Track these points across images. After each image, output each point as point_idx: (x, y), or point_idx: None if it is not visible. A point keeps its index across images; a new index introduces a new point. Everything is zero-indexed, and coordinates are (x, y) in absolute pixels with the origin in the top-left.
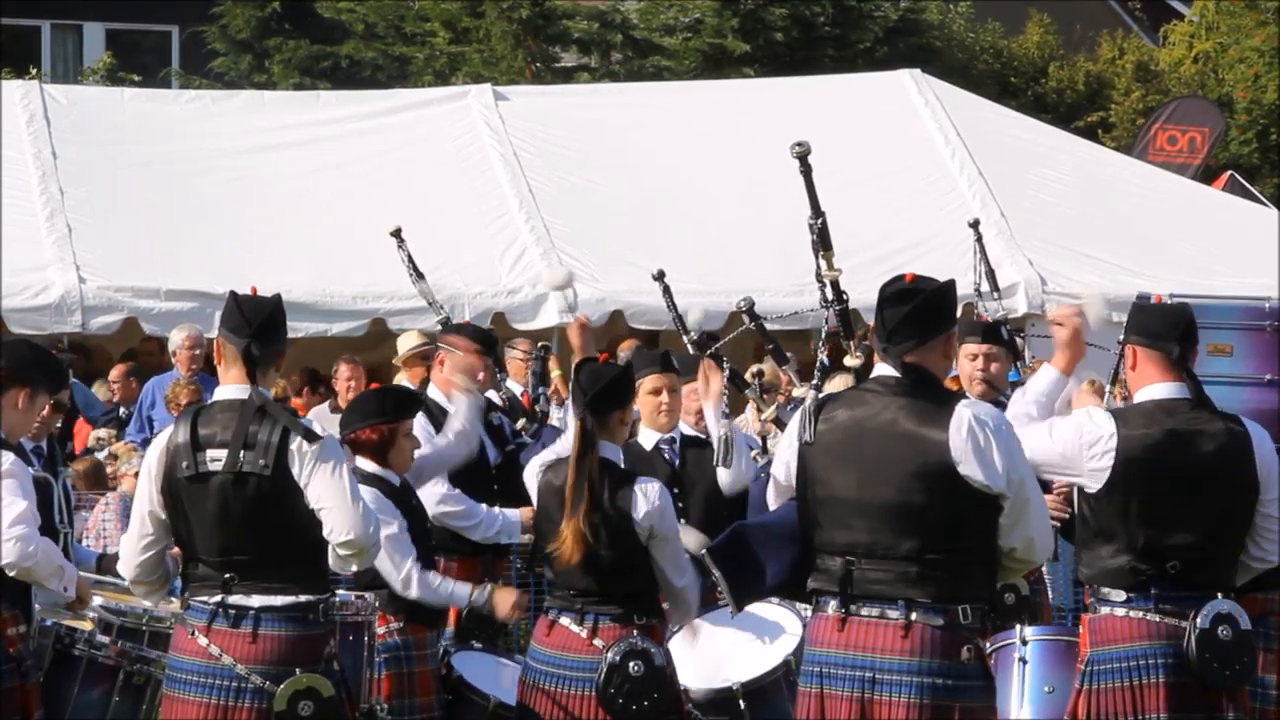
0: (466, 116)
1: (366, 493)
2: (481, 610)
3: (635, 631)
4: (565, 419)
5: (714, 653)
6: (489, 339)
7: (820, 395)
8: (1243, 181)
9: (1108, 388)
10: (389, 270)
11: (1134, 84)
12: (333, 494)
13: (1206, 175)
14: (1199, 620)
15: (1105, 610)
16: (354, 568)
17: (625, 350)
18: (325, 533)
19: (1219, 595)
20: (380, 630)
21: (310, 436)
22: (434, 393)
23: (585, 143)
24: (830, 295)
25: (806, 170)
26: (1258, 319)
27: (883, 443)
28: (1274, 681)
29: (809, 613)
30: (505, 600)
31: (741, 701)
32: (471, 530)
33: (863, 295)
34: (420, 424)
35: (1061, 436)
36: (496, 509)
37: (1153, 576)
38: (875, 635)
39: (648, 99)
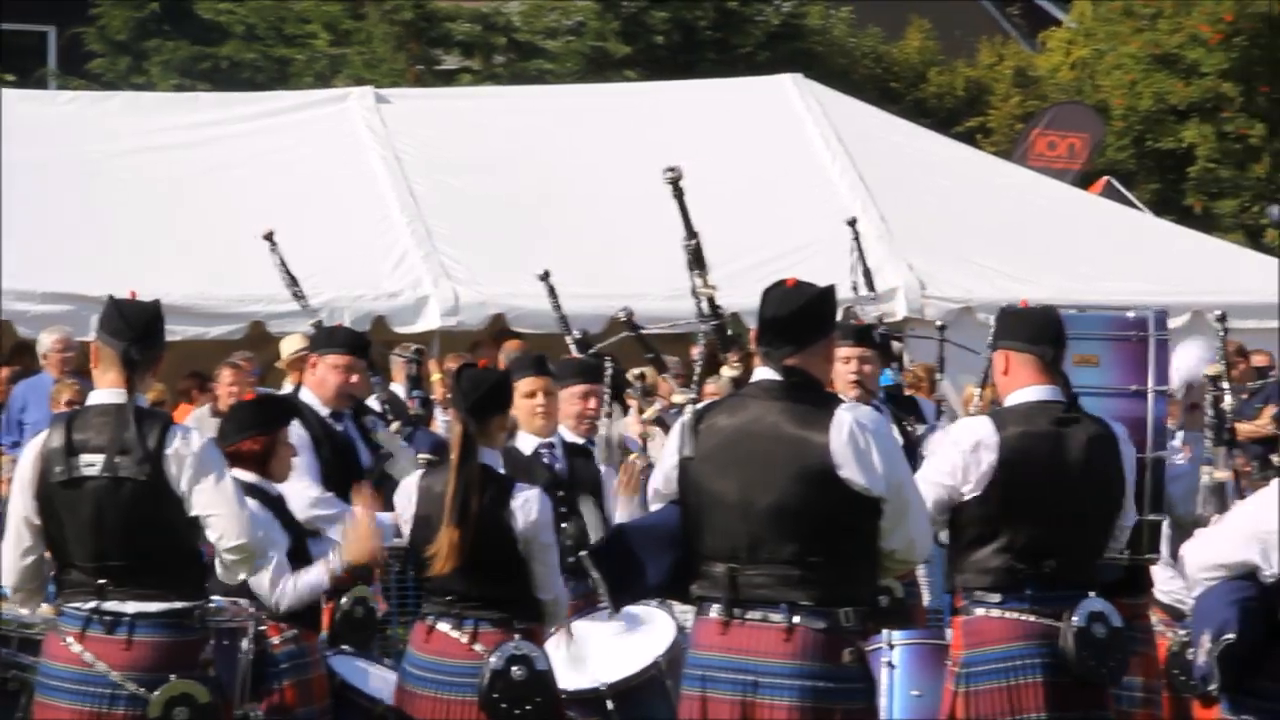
0: (348, 119)
1: (250, 504)
2: (338, 573)
3: (517, 636)
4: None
5: (583, 653)
6: (362, 342)
7: (698, 407)
8: (1119, 187)
9: (976, 392)
10: (268, 273)
11: (1013, 90)
12: (219, 500)
13: (1084, 180)
14: (1075, 618)
15: (979, 611)
16: (241, 576)
17: (510, 351)
18: (213, 539)
19: (1090, 594)
20: (275, 640)
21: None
22: (307, 395)
23: (467, 145)
24: (706, 310)
25: (679, 194)
26: (1124, 329)
27: (765, 447)
28: (1139, 684)
29: (688, 615)
30: (356, 546)
31: (609, 702)
32: None
33: (745, 300)
34: (298, 433)
35: (948, 454)
36: None
37: (1029, 576)
38: (758, 638)
39: (530, 102)
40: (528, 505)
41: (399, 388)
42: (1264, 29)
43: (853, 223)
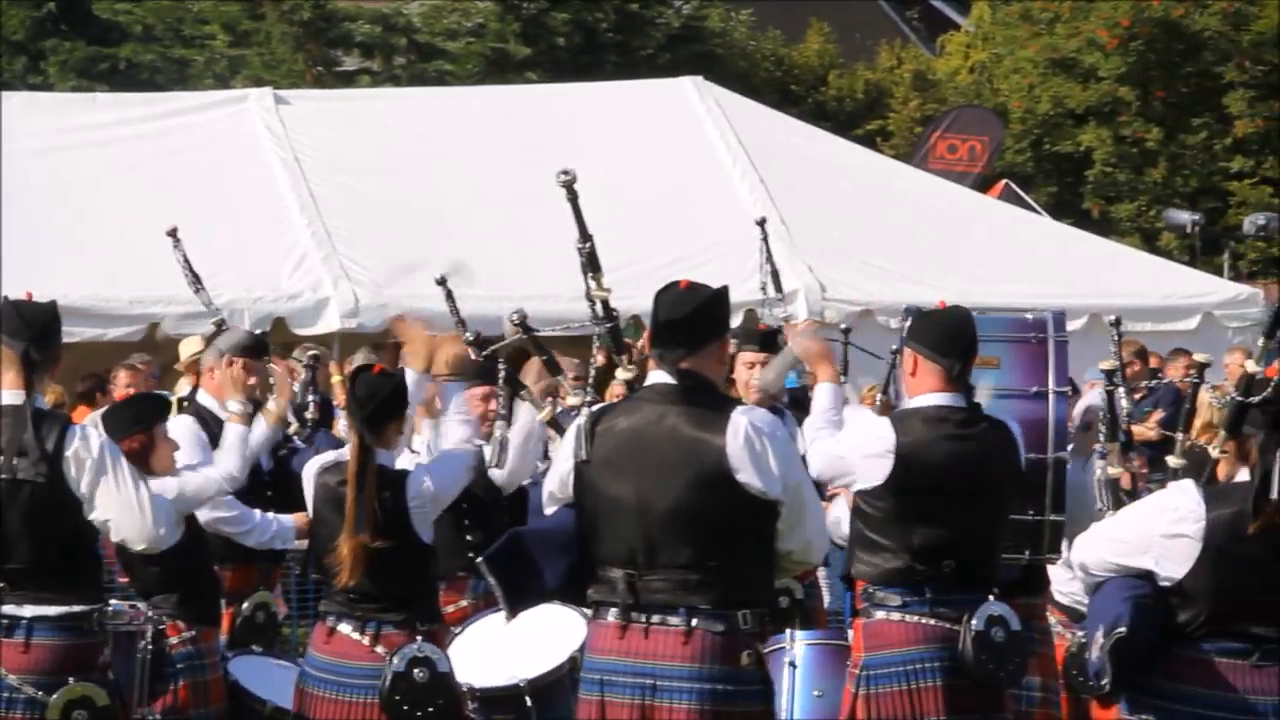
0: (246, 120)
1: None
2: (258, 623)
3: (419, 638)
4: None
5: (500, 650)
6: (259, 344)
7: (594, 409)
8: (1017, 190)
9: (879, 395)
10: (166, 275)
11: (912, 93)
12: (120, 503)
13: (983, 184)
14: (973, 622)
15: (880, 614)
16: (140, 546)
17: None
18: (116, 540)
19: (990, 597)
20: (173, 640)
21: None
22: (204, 399)
23: (367, 147)
24: (601, 313)
25: (573, 197)
26: (1023, 331)
27: (661, 450)
28: (1038, 684)
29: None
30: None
31: (528, 699)
32: (245, 536)
33: (643, 302)
34: (193, 431)
35: (847, 443)
36: (270, 515)
37: (928, 578)
38: (656, 642)
39: (431, 103)
40: (423, 485)
41: (295, 389)
42: (1160, 34)
43: (762, 223)
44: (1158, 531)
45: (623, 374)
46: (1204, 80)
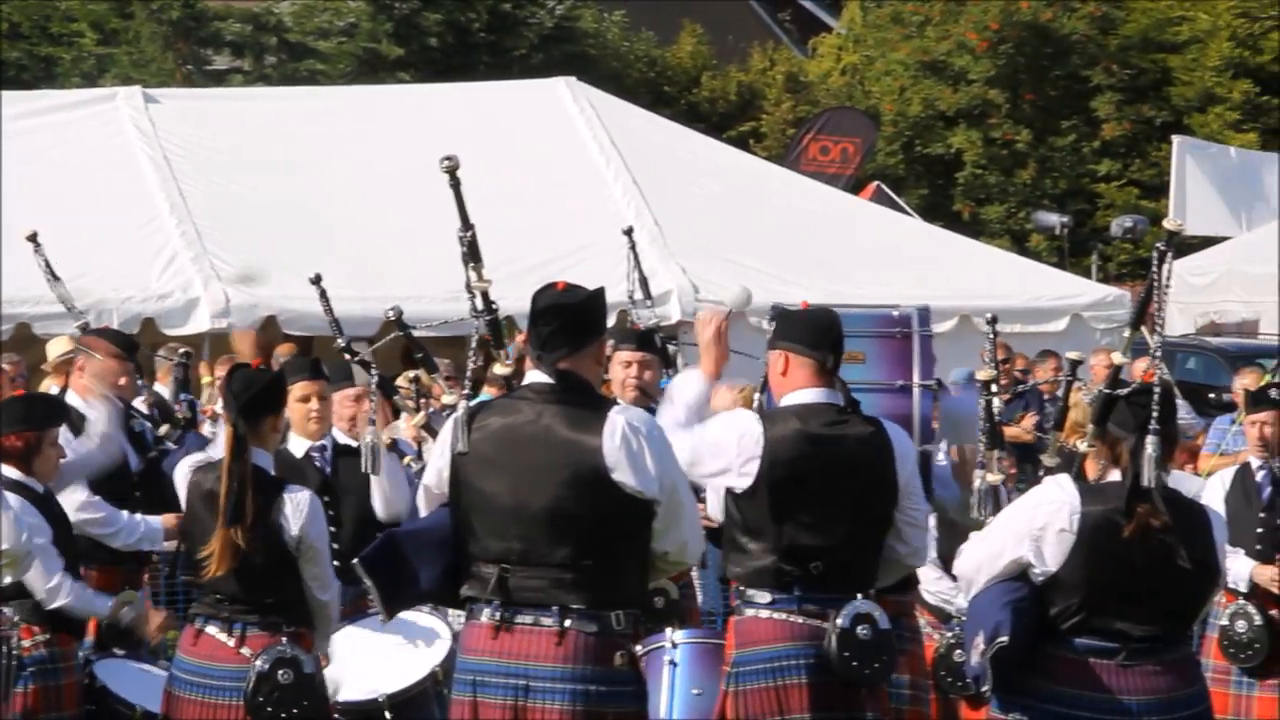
0: (115, 119)
1: (13, 500)
2: (122, 627)
3: (284, 639)
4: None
5: (361, 662)
6: (129, 344)
7: (472, 404)
8: (889, 192)
9: (757, 395)
10: (34, 274)
11: (784, 95)
12: None
13: (855, 185)
14: (839, 620)
15: (750, 612)
16: (7, 579)
17: (283, 355)
18: None
19: (859, 596)
20: (26, 643)
21: None
22: (73, 399)
23: (238, 146)
24: (480, 306)
25: (456, 184)
26: (889, 326)
27: (537, 449)
28: (907, 682)
29: (460, 620)
30: (154, 620)
31: (388, 713)
32: (112, 538)
33: (517, 303)
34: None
35: (712, 437)
36: (138, 516)
37: (797, 577)
38: (529, 643)
39: (302, 103)
40: (299, 507)
41: (163, 390)
42: (1029, 37)
43: (629, 232)
44: (1036, 523)
45: (500, 370)
46: (1072, 83)
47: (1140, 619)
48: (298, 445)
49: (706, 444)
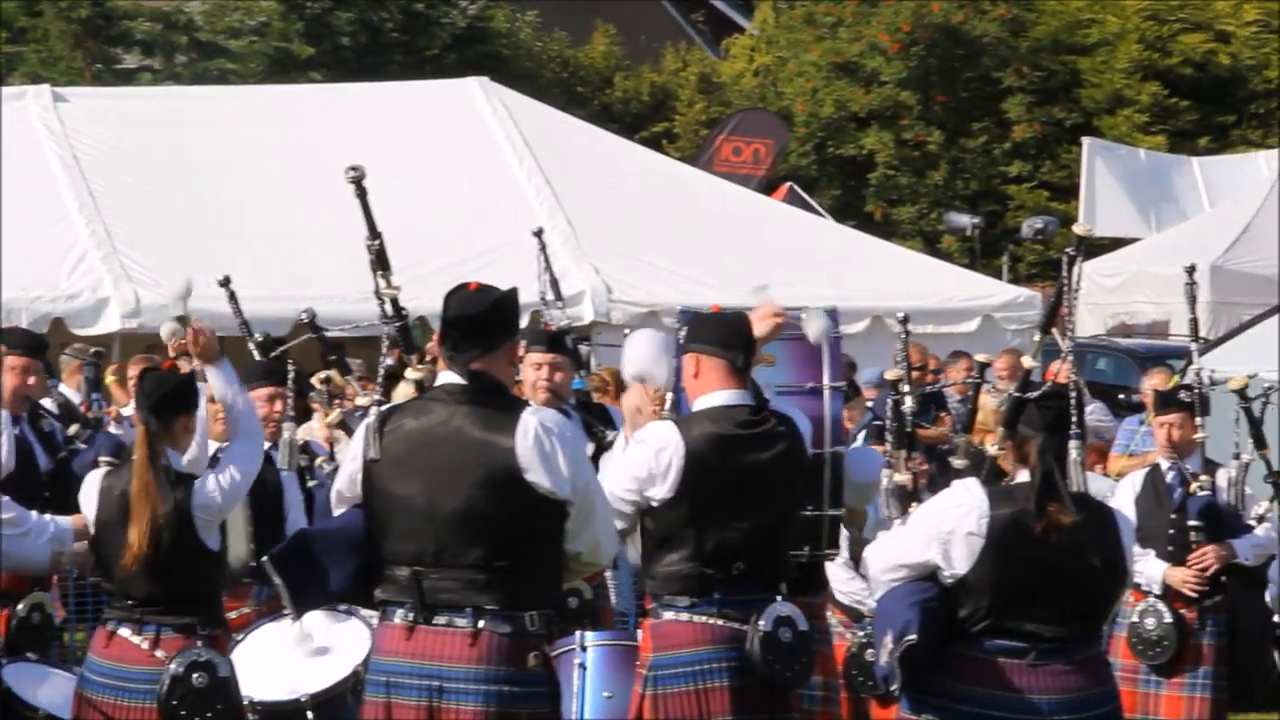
0: (24, 118)
1: None
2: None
3: (199, 643)
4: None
5: (282, 662)
6: (38, 344)
7: (383, 409)
8: (801, 193)
9: (668, 395)
10: None
11: (697, 95)
12: None
13: (768, 186)
14: (761, 623)
15: (668, 615)
16: None
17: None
18: None
19: (778, 598)
20: None
21: None
22: None
23: (148, 146)
24: (390, 312)
25: (362, 194)
26: (798, 329)
27: (450, 451)
28: (819, 683)
29: (375, 620)
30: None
31: (310, 713)
32: (22, 538)
33: (430, 303)
34: None
35: (630, 468)
36: (48, 516)
37: (717, 579)
38: (443, 644)
39: (212, 103)
40: (210, 491)
41: (71, 390)
42: (940, 39)
43: (539, 233)
44: (944, 527)
45: (413, 374)
46: (983, 85)
47: (1049, 620)
48: (212, 446)
49: (627, 474)
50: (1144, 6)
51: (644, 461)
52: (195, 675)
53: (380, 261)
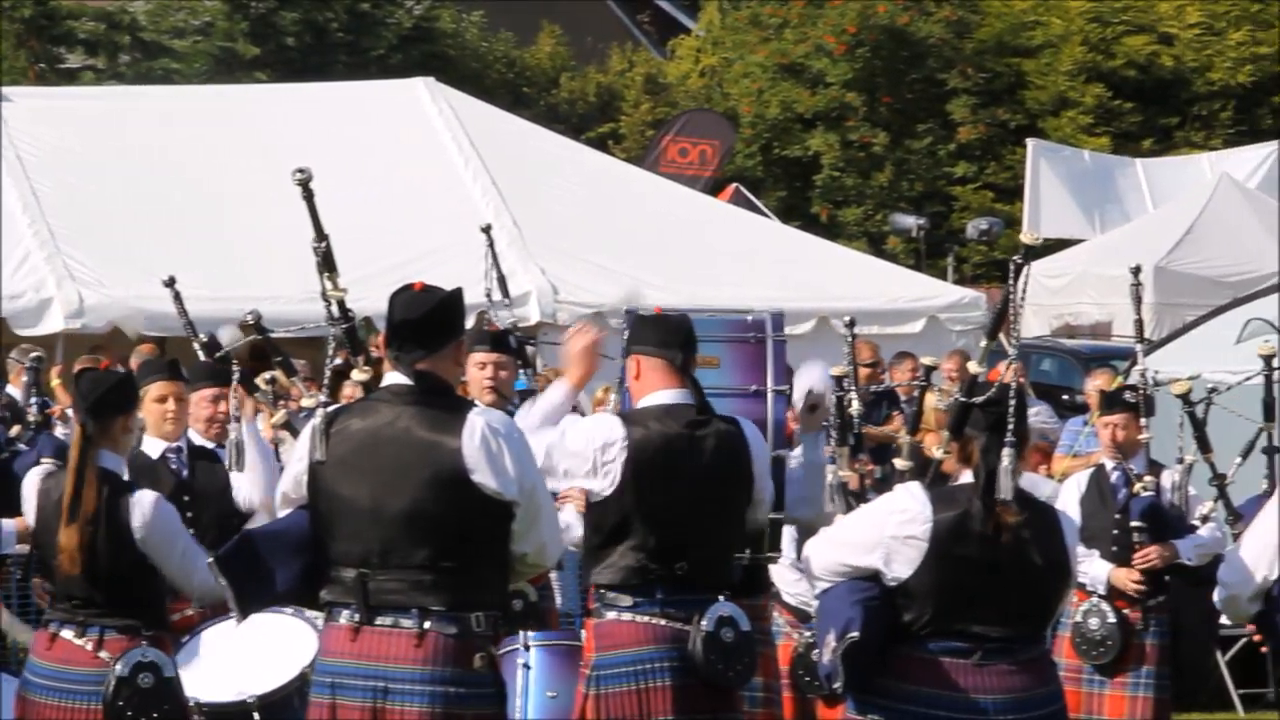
0: None
1: None
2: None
3: (143, 643)
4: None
5: (229, 664)
6: None
7: (329, 410)
8: (747, 194)
9: (612, 395)
10: None
11: (643, 96)
12: None
13: (714, 187)
14: (703, 623)
15: (611, 615)
16: None
17: (141, 355)
18: None
19: (721, 598)
20: None
21: None
22: None
23: (92, 146)
24: (336, 313)
25: (309, 196)
26: (742, 331)
27: (396, 451)
28: (760, 684)
29: (321, 622)
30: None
31: (256, 715)
32: None
33: (375, 304)
34: None
35: (572, 445)
36: None
37: (661, 578)
38: (388, 644)
39: (157, 103)
40: (143, 509)
41: (16, 392)
42: (886, 40)
43: (487, 229)
44: (886, 533)
45: (358, 375)
46: (928, 87)
47: (994, 621)
48: (153, 447)
49: (565, 451)
50: (1088, 9)
51: (588, 449)
52: (141, 676)
53: (327, 263)
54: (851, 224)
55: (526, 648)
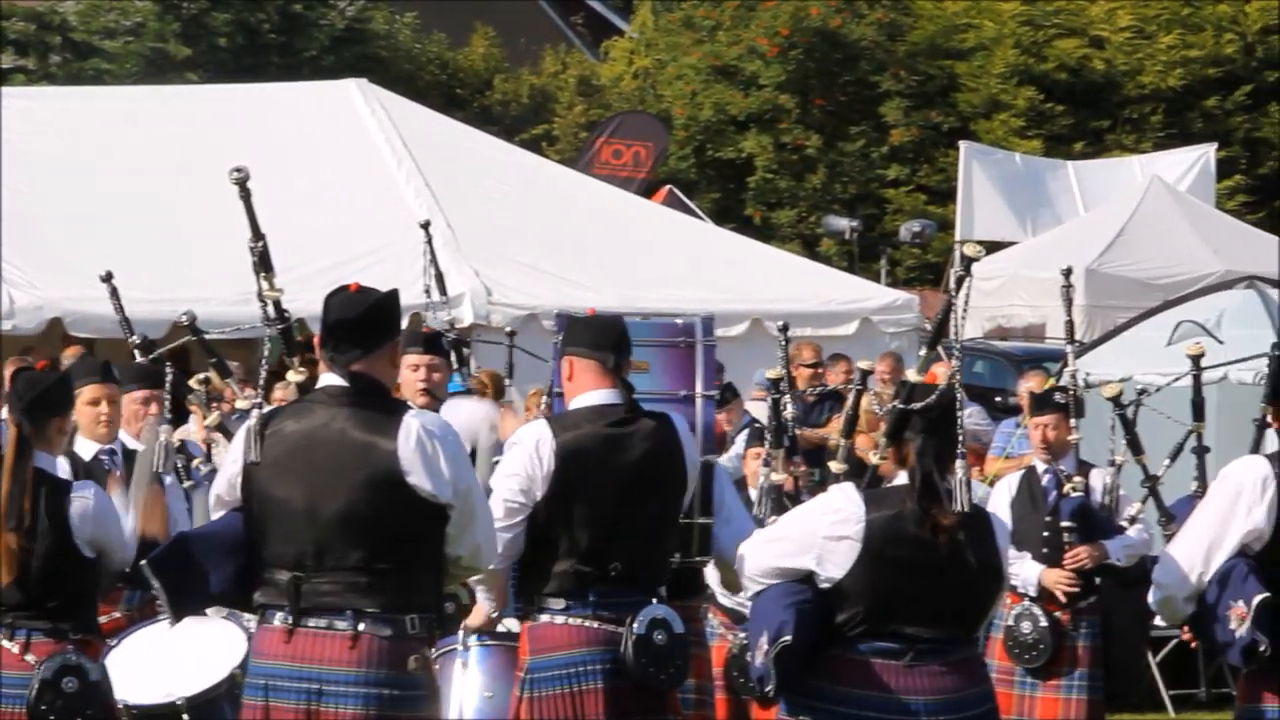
0: None
1: None
2: None
3: (70, 647)
4: None
5: (158, 666)
6: None
7: (264, 411)
8: (681, 196)
9: (544, 397)
10: None
11: (577, 98)
12: None
13: (648, 189)
14: (635, 626)
15: (544, 618)
16: None
17: (70, 357)
18: None
19: (654, 600)
20: None
21: None
22: None
23: (23, 146)
24: (273, 314)
25: (246, 195)
26: (672, 335)
27: (332, 453)
28: (692, 686)
29: (254, 624)
30: None
31: (185, 716)
32: None
33: (312, 305)
34: None
35: (509, 467)
36: None
37: (594, 579)
38: (322, 646)
39: (88, 103)
40: (85, 503)
41: None
42: (819, 43)
43: (426, 225)
44: (820, 533)
45: (294, 375)
46: (861, 89)
47: (926, 622)
48: (86, 448)
49: (510, 475)
50: (1020, 12)
51: (522, 461)
52: (65, 680)
53: (263, 263)
54: (785, 226)
55: (466, 647)
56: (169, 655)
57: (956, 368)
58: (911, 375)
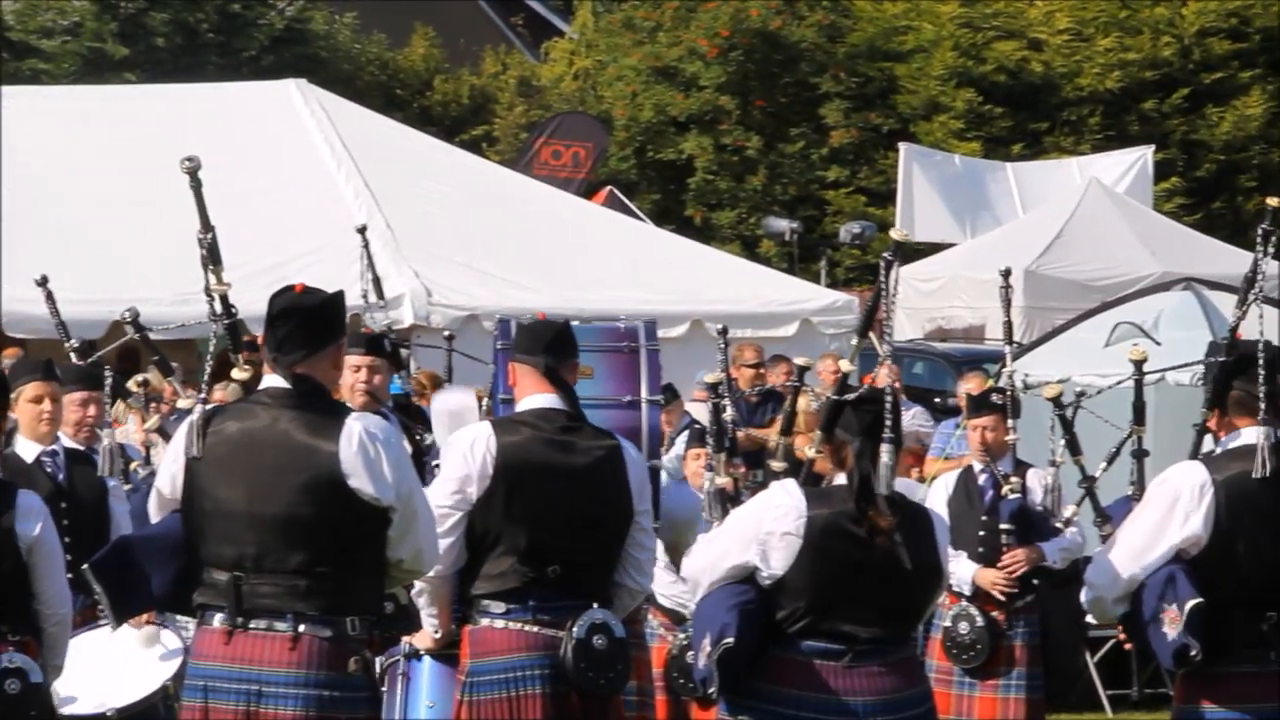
0: None
1: None
2: None
3: (11, 649)
4: None
5: (90, 674)
6: None
7: (207, 408)
8: (622, 197)
9: (485, 399)
10: None
11: (517, 99)
12: None
13: (588, 190)
14: (575, 630)
15: (485, 622)
16: None
17: (9, 358)
18: None
19: (595, 605)
20: None
21: None
22: None
23: None
24: (219, 309)
25: (197, 185)
26: (616, 340)
27: (273, 455)
28: (634, 688)
29: (193, 628)
30: None
31: None
32: None
33: (250, 306)
34: None
35: (448, 469)
36: None
37: (533, 581)
38: (262, 648)
39: (25, 103)
40: (30, 514)
41: None
42: (759, 44)
43: (362, 230)
44: (763, 528)
45: (238, 373)
46: (801, 90)
47: (866, 621)
48: (27, 449)
49: (445, 478)
50: (959, 14)
51: (459, 463)
52: (8, 682)
53: (212, 256)
54: (725, 227)
55: (407, 657)
56: (104, 664)
57: (886, 353)
58: (845, 365)
